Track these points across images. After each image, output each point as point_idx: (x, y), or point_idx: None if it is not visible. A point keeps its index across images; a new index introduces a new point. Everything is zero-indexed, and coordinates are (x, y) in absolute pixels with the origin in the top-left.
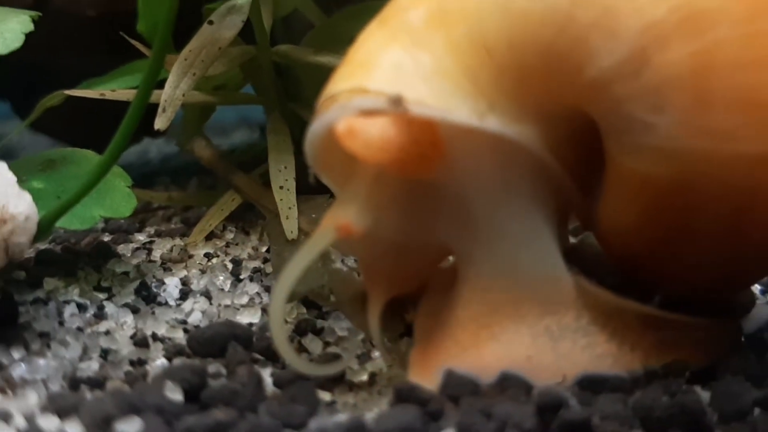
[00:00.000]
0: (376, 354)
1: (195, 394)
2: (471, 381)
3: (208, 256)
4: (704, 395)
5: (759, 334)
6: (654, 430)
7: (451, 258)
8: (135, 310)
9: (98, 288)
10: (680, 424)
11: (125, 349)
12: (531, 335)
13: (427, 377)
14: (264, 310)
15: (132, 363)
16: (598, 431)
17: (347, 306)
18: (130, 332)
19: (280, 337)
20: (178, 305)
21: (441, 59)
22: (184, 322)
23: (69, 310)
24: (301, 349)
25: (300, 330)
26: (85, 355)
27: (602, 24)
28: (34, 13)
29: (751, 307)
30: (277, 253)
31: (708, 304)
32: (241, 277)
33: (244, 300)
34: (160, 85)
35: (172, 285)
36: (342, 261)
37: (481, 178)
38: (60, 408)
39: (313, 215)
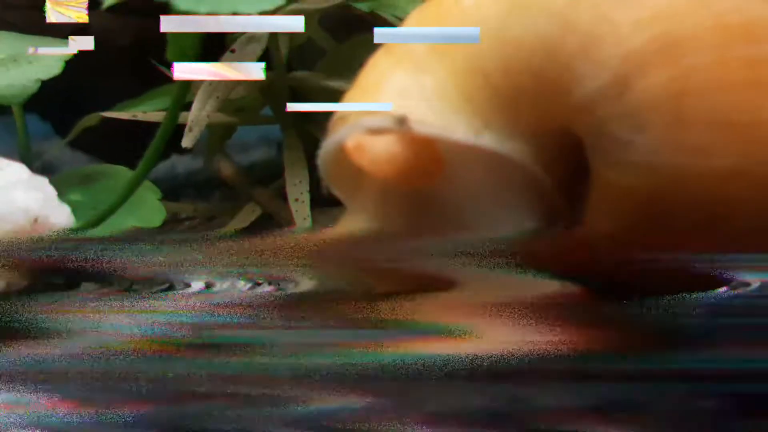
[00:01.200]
0: None
1: None
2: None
3: None
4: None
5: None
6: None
7: None
8: None
9: (130, 290)
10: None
11: None
12: (524, 333)
13: None
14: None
15: None
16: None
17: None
18: None
19: None
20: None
21: (441, 83)
22: None
23: None
24: None
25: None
26: None
27: (588, 52)
28: None
29: None
30: None
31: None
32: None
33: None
34: (187, 107)
35: (196, 288)
36: None
37: (476, 190)
38: None
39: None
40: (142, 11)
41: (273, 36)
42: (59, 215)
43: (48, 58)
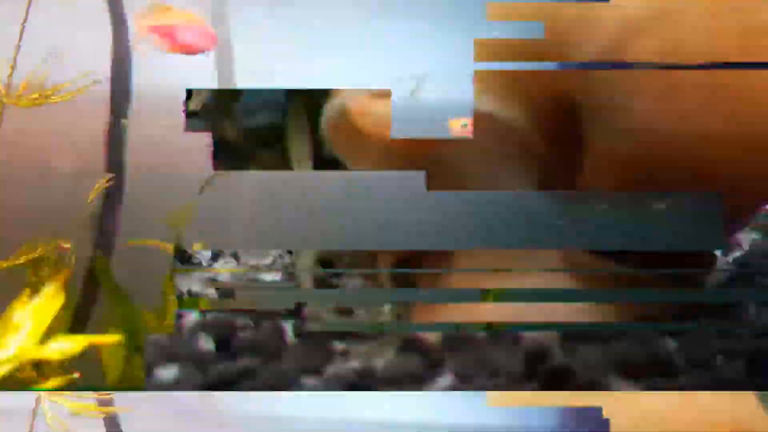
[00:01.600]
0: (385, 308)
1: (225, 344)
2: (467, 333)
3: None
4: (673, 344)
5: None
6: (629, 375)
7: None
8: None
9: None
10: (653, 370)
11: None
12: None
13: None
14: (285, 269)
15: None
16: (579, 377)
17: (360, 263)
18: None
19: None
20: (210, 265)
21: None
22: (215, 280)
23: None
24: None
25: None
26: None
27: (586, 18)
28: None
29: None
30: None
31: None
32: None
33: (268, 261)
34: None
35: None
36: None
37: (477, 153)
38: None
39: None
40: None
41: None
42: None
43: None
